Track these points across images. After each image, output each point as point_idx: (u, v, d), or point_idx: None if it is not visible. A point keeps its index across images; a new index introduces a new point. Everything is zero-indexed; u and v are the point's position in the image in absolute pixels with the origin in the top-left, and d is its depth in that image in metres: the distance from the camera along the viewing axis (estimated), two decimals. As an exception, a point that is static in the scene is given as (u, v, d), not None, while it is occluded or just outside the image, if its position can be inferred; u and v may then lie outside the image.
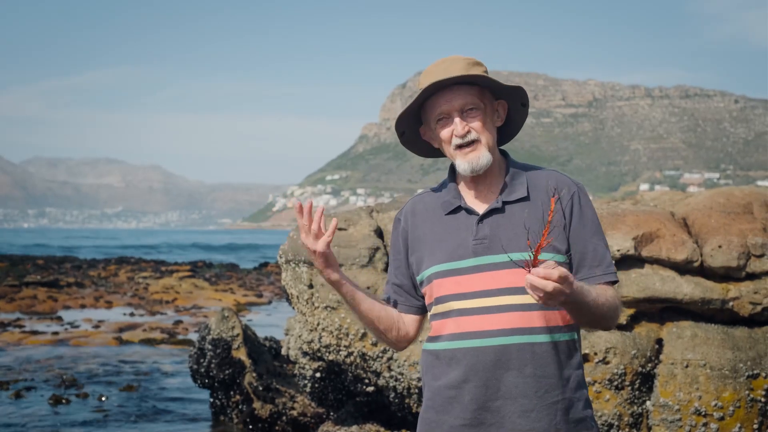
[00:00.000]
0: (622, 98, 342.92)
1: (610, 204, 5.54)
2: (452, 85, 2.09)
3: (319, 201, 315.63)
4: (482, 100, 2.12)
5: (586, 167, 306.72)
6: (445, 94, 2.10)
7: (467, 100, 2.09)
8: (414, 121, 2.22)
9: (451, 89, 2.10)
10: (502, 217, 2.10)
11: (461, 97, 2.09)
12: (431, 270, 2.12)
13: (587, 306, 1.95)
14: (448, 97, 2.09)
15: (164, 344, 11.82)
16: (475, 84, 2.11)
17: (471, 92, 2.10)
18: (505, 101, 2.19)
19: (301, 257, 5.49)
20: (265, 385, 6.49)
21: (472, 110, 2.10)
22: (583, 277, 2.07)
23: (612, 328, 2.09)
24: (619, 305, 2.07)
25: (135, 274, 25.19)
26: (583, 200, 2.14)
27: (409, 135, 2.24)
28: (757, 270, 4.65)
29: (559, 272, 1.80)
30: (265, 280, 24.95)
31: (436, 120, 2.13)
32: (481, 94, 2.12)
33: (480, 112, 2.11)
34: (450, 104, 2.09)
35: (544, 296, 1.82)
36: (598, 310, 1.98)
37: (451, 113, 2.10)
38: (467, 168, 2.10)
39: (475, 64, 2.12)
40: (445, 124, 2.12)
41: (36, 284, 19.81)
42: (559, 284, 1.80)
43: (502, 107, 2.19)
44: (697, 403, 4.43)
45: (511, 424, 2.02)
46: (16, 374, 9.33)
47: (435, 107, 2.12)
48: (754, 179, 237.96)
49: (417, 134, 2.24)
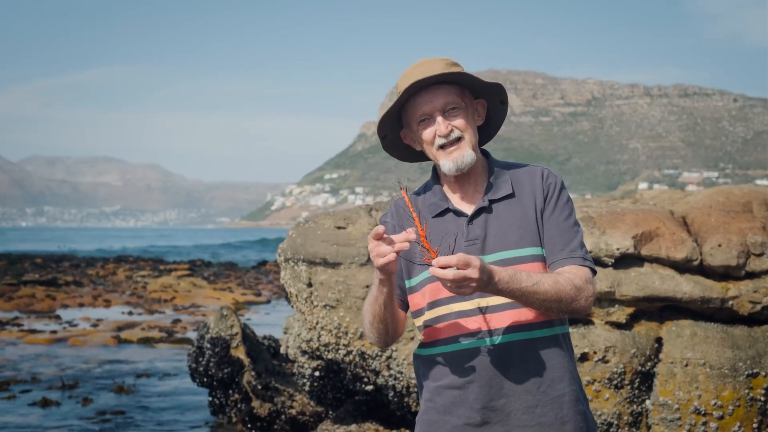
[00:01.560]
0: (620, 97, 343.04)
1: (610, 203, 5.53)
2: (432, 86, 2.09)
3: (318, 200, 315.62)
4: (463, 99, 2.12)
5: (584, 166, 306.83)
6: (425, 94, 2.10)
7: (448, 99, 2.09)
8: (395, 125, 2.21)
9: (431, 90, 2.09)
10: (491, 216, 2.10)
11: (442, 96, 2.09)
12: (424, 275, 2.11)
13: (525, 292, 1.94)
14: (428, 98, 2.09)
15: (163, 343, 11.80)
16: (454, 83, 2.11)
17: (452, 91, 2.10)
18: (485, 100, 2.20)
19: (300, 256, 5.47)
20: (264, 383, 6.48)
21: (453, 109, 2.10)
22: (549, 262, 2.08)
23: (582, 312, 2.05)
24: (581, 286, 2.01)
25: (133, 272, 25.17)
26: (560, 191, 2.14)
27: (391, 139, 2.23)
28: (757, 269, 4.64)
29: (458, 258, 1.81)
30: (264, 279, 24.93)
31: (418, 121, 2.12)
32: (461, 93, 2.12)
33: (462, 111, 2.11)
34: (431, 104, 2.09)
35: (451, 285, 1.82)
36: (545, 295, 1.96)
37: (433, 113, 2.10)
38: (452, 167, 2.09)
39: (453, 65, 2.12)
40: (428, 125, 2.11)
41: (34, 283, 19.79)
42: (462, 269, 1.80)
43: (481, 106, 2.19)
44: (696, 402, 4.42)
45: (517, 420, 2.02)
46: (13, 373, 9.32)
47: (416, 108, 2.11)
48: (753, 178, 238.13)
49: (398, 138, 2.23)
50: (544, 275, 1.99)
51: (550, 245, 2.09)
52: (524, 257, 2.06)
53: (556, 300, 1.98)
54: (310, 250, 5.43)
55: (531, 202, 2.12)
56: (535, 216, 2.11)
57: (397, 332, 2.16)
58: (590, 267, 2.08)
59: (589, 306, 2.04)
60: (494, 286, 1.89)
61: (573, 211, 2.15)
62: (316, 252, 5.40)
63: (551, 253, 2.08)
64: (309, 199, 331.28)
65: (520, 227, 2.09)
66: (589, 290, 2.04)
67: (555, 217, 2.11)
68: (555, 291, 1.98)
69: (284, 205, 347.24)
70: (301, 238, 5.54)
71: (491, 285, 1.88)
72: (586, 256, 2.09)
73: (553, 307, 2.00)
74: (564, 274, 2.02)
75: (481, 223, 2.09)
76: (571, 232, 2.11)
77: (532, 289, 1.94)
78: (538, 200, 2.12)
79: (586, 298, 2.03)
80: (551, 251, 2.09)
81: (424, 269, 2.10)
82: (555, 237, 2.09)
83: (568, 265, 2.06)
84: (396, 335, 2.16)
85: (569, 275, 2.02)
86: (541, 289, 1.96)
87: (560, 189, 2.15)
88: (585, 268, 2.07)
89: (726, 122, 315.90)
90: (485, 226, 2.09)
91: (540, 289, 1.96)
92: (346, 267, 5.31)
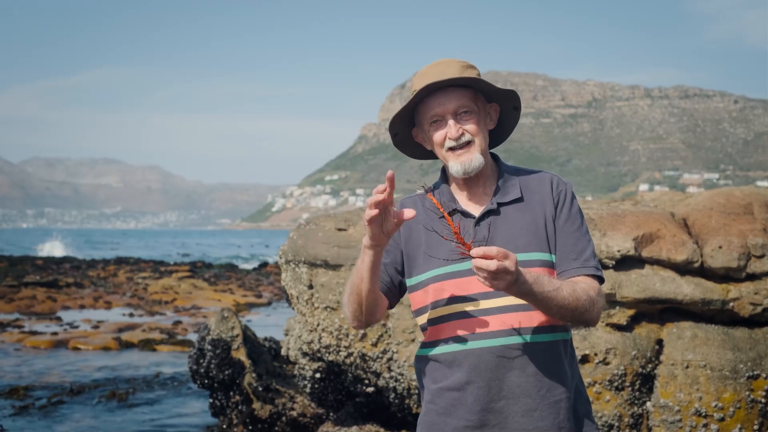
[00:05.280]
0: (621, 98, 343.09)
1: (610, 204, 5.53)
2: (446, 88, 2.10)
3: (318, 201, 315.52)
4: (476, 103, 2.13)
5: (585, 168, 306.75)
6: (438, 96, 2.10)
7: (461, 103, 2.10)
8: (407, 123, 2.22)
9: (444, 92, 2.10)
10: (499, 219, 2.11)
11: (455, 99, 2.09)
12: (429, 274, 2.11)
13: (546, 296, 1.94)
14: (441, 100, 2.10)
15: (163, 345, 11.80)
16: (468, 87, 2.12)
17: (465, 95, 2.11)
18: (498, 104, 2.20)
19: (300, 258, 5.48)
20: (265, 385, 6.48)
21: (466, 113, 2.11)
22: (561, 270, 2.09)
23: (592, 323, 2.07)
24: (595, 298, 2.04)
25: (134, 274, 25.17)
26: (571, 198, 2.16)
27: (402, 136, 2.24)
28: (758, 270, 4.64)
29: (497, 249, 1.83)
30: (265, 281, 24.92)
31: (429, 122, 2.13)
32: (474, 97, 2.13)
33: (474, 115, 2.11)
34: (444, 107, 2.10)
35: (488, 276, 1.83)
36: (563, 302, 1.97)
37: (445, 116, 2.10)
38: (460, 169, 2.10)
39: (469, 67, 2.12)
40: (439, 127, 2.12)
41: (35, 284, 19.78)
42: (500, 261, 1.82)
43: (494, 110, 2.20)
44: (697, 403, 4.42)
45: (515, 423, 2.03)
46: (16, 380, 9.30)
47: (429, 109, 2.12)
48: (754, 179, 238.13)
49: (410, 136, 2.24)
50: (564, 282, 2.00)
51: (563, 253, 2.10)
52: (531, 261, 2.06)
53: (572, 308, 1.99)
54: (311, 251, 5.43)
55: (540, 208, 2.13)
56: (544, 222, 2.11)
57: (372, 315, 2.12)
58: (601, 278, 2.11)
59: (598, 318, 2.07)
60: (520, 285, 1.89)
61: (584, 220, 2.17)
62: (317, 254, 5.41)
63: (564, 262, 2.09)
64: (310, 200, 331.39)
65: (528, 231, 2.09)
66: (601, 303, 2.07)
67: (568, 225, 2.12)
68: (573, 299, 1.99)
69: (285, 207, 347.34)
70: (302, 240, 5.54)
71: (518, 283, 1.88)
72: (598, 267, 2.11)
73: (567, 315, 2.01)
74: (580, 284, 2.04)
75: (488, 225, 2.10)
76: (583, 241, 2.12)
77: (552, 294, 1.95)
78: (548, 207, 2.13)
79: (598, 311, 2.06)
80: (564, 259, 2.09)
81: (427, 267, 2.11)
82: (568, 245, 2.10)
83: (581, 275, 2.08)
84: (370, 317, 2.13)
85: (585, 285, 2.04)
86: (560, 295, 1.97)
87: (572, 197, 2.16)
88: (596, 280, 2.09)
89: (727, 124, 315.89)
90: (492, 229, 2.09)
91: (559, 295, 1.97)
92: (347, 269, 5.31)
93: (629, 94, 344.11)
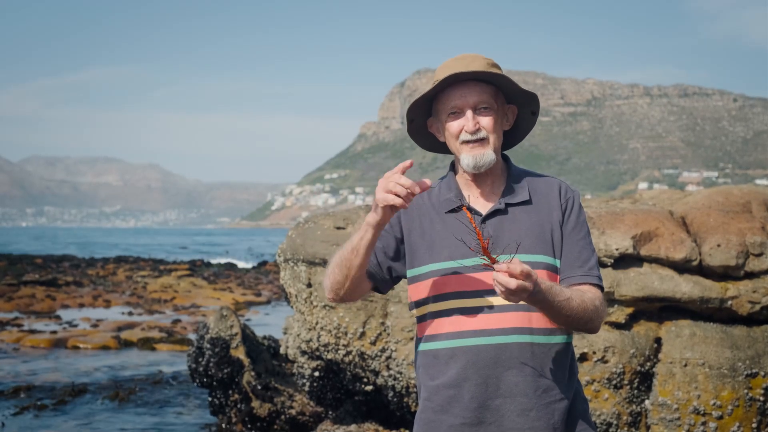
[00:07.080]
0: (620, 97, 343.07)
1: (609, 203, 5.53)
2: (469, 81, 2.10)
3: (318, 200, 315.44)
4: (496, 100, 2.14)
5: (584, 166, 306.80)
6: (461, 88, 2.11)
7: (482, 98, 2.10)
8: (423, 112, 2.22)
9: (467, 85, 2.10)
10: (506, 219, 2.12)
11: (477, 94, 2.10)
12: (430, 267, 2.11)
13: (557, 306, 1.97)
14: (463, 92, 2.10)
15: (163, 343, 11.80)
16: (490, 84, 2.13)
17: (486, 91, 2.11)
18: (516, 107, 2.21)
19: (299, 256, 5.48)
20: (264, 384, 6.49)
21: (485, 109, 2.11)
22: (565, 276, 2.10)
23: (594, 331, 2.10)
24: (599, 308, 2.08)
25: (133, 273, 25.17)
26: (579, 207, 2.18)
27: (417, 124, 2.25)
28: (756, 269, 4.65)
29: (521, 268, 1.84)
30: (264, 279, 24.92)
31: (448, 113, 2.13)
32: (495, 94, 2.14)
33: (492, 112, 2.12)
34: (464, 99, 2.10)
35: (506, 291, 1.85)
36: (572, 311, 2.00)
37: (465, 108, 2.11)
38: (471, 163, 2.11)
39: (494, 65, 2.14)
40: (456, 118, 2.12)
41: (34, 283, 19.78)
42: (522, 280, 1.84)
43: (512, 112, 2.21)
44: (695, 402, 4.43)
45: (510, 422, 2.03)
46: (16, 381, 9.28)
47: (449, 100, 2.12)
48: (753, 178, 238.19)
49: (424, 125, 2.25)
50: (573, 291, 2.03)
51: (568, 260, 2.11)
52: (535, 263, 2.06)
53: (579, 318, 2.02)
54: (310, 250, 5.43)
55: (547, 212, 2.14)
56: (551, 227, 2.12)
57: (353, 291, 2.15)
58: (602, 287, 2.14)
59: (600, 326, 2.11)
60: (534, 295, 1.91)
61: (589, 229, 2.19)
62: (315, 252, 5.40)
63: (568, 268, 2.11)
64: (309, 199, 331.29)
65: (534, 234, 2.10)
66: (604, 312, 2.11)
67: (575, 233, 2.14)
68: (582, 309, 2.02)
69: (284, 205, 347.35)
70: (300, 239, 5.54)
71: (533, 294, 1.90)
72: (600, 277, 2.14)
73: (573, 324, 2.04)
74: (587, 293, 2.06)
75: (495, 225, 2.10)
76: (588, 250, 2.14)
77: (563, 304, 1.98)
78: (555, 212, 2.14)
79: (601, 320, 2.10)
80: (569, 266, 2.11)
81: (431, 259, 2.11)
82: (574, 253, 2.12)
83: (585, 284, 2.10)
84: (351, 294, 2.15)
85: (591, 295, 2.07)
86: (571, 305, 2.00)
87: (579, 206, 2.18)
88: (599, 289, 2.12)
89: (726, 122, 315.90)
90: (499, 228, 2.10)
91: (570, 305, 1.99)
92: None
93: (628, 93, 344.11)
